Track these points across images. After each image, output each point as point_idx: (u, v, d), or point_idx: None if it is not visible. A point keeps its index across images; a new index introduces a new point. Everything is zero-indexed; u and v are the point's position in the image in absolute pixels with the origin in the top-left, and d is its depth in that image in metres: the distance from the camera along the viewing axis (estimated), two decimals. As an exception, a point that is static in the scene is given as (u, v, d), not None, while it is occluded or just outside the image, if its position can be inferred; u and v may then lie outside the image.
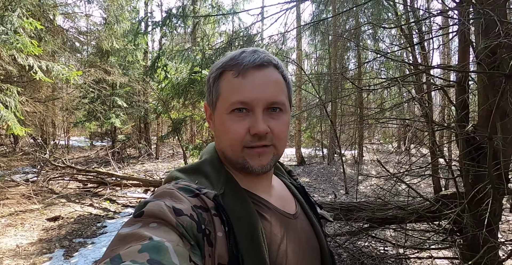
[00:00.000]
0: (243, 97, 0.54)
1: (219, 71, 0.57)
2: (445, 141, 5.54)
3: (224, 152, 0.59)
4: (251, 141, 0.55)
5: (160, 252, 0.38)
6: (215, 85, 0.58)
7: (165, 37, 12.17)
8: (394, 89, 6.40)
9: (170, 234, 0.43)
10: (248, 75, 0.54)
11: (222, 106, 0.56)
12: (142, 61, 10.63)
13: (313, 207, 0.71)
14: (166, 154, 12.69)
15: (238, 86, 0.54)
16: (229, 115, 0.55)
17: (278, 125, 0.56)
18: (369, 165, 10.05)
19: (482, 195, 2.11)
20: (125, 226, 0.44)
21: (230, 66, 0.56)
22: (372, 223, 3.11)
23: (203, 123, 8.51)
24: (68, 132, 12.69)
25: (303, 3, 6.84)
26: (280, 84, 0.57)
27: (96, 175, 6.58)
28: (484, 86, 2.31)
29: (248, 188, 0.60)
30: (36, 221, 4.68)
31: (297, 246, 0.60)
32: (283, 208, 0.63)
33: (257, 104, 0.54)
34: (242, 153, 0.56)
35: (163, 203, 0.47)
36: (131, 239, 0.40)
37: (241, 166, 0.57)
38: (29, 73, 4.39)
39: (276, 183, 0.68)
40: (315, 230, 0.66)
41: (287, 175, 0.75)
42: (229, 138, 0.56)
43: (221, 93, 0.57)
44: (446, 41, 5.35)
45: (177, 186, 0.53)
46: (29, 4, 4.27)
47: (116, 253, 0.38)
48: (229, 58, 0.57)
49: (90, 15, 8.60)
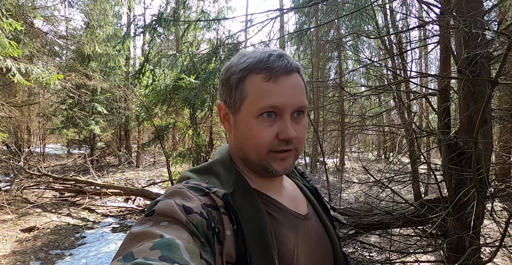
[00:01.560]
0: (274, 101, 0.54)
1: (244, 73, 0.56)
2: (424, 148, 5.73)
3: (247, 155, 0.59)
4: (278, 146, 0.56)
5: (171, 249, 0.38)
6: (239, 87, 0.57)
7: (147, 44, 12.09)
8: (374, 99, 6.60)
9: (181, 232, 0.43)
10: (279, 80, 0.54)
11: (248, 110, 0.56)
12: (124, 67, 10.45)
13: (326, 209, 0.71)
14: (147, 162, 12.42)
15: (269, 90, 0.54)
16: (256, 119, 0.55)
17: (302, 130, 0.58)
18: (350, 173, 10.21)
19: (466, 199, 2.18)
20: (136, 225, 0.45)
21: (258, 70, 0.55)
22: (358, 229, 3.14)
23: (186, 130, 8.41)
24: (44, 139, 12.19)
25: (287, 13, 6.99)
26: (304, 88, 0.59)
27: (74, 184, 6.33)
28: (465, 94, 2.42)
29: (259, 188, 0.60)
30: (9, 232, 4.43)
31: (308, 247, 0.60)
32: (294, 209, 0.63)
33: (287, 109, 0.55)
34: (267, 157, 0.56)
35: (173, 201, 0.48)
36: (143, 237, 0.41)
37: (263, 169, 0.58)
38: (6, 76, 4.21)
39: (288, 184, 0.68)
40: (327, 231, 0.66)
41: (300, 177, 0.76)
42: (256, 143, 0.56)
43: (248, 96, 0.56)
44: (427, 52, 5.59)
45: (187, 185, 0.53)
46: (8, 4, 4.13)
47: (128, 251, 0.39)
48: (256, 59, 0.56)
49: (70, 18, 8.44)
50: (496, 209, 2.43)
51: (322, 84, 8.10)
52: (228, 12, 9.81)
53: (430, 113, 5.87)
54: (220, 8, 9.35)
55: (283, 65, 0.55)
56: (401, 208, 3.14)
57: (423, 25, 3.04)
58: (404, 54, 4.49)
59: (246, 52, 0.59)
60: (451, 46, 2.66)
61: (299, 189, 0.71)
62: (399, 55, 4.46)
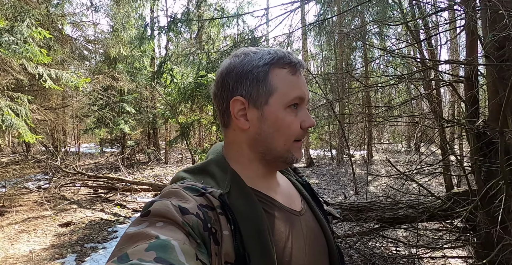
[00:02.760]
0: (302, 93, 0.58)
1: (268, 67, 0.58)
2: (455, 138, 5.43)
3: (272, 147, 0.59)
4: (301, 135, 0.60)
5: (166, 251, 0.38)
6: (265, 80, 0.57)
7: (170, 43, 12.33)
8: (402, 87, 6.33)
9: (177, 232, 0.43)
10: (298, 74, 0.59)
11: (279, 102, 0.58)
12: (149, 67, 10.74)
13: (320, 204, 0.71)
14: (175, 158, 12.76)
15: (297, 83, 0.58)
16: (285, 110, 0.58)
17: None
18: (378, 165, 9.93)
19: (494, 192, 2.05)
20: (132, 226, 0.45)
21: (282, 64, 0.58)
22: (382, 223, 3.05)
23: (210, 127, 8.54)
24: (79, 139, 12.88)
25: (307, 4, 6.84)
26: None
27: (106, 181, 6.65)
28: (493, 81, 2.26)
29: (254, 186, 0.60)
30: (48, 227, 4.75)
31: (303, 243, 0.60)
32: (289, 205, 0.63)
33: (306, 100, 0.60)
34: (291, 147, 0.59)
35: (169, 202, 0.48)
36: (138, 238, 0.41)
37: (284, 159, 0.60)
38: (39, 82, 4.48)
39: (281, 180, 0.68)
40: (322, 226, 0.66)
41: (293, 173, 0.76)
42: (288, 133, 0.58)
43: (278, 88, 0.57)
44: (453, 36, 5.27)
45: (183, 185, 0.53)
46: (37, 14, 4.37)
47: (123, 252, 0.39)
48: (277, 55, 0.58)
49: (97, 23, 8.76)
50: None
51: (346, 75, 7.88)
52: (249, 7, 9.78)
53: (459, 101, 5.55)
54: (240, 3, 9.34)
55: (298, 61, 0.60)
56: (428, 202, 3.01)
57: (447, 8, 2.87)
58: (430, 39, 4.26)
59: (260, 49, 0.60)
60: (477, 29, 2.50)
61: (293, 185, 0.71)
62: (425, 40, 4.24)
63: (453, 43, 7.24)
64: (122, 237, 0.43)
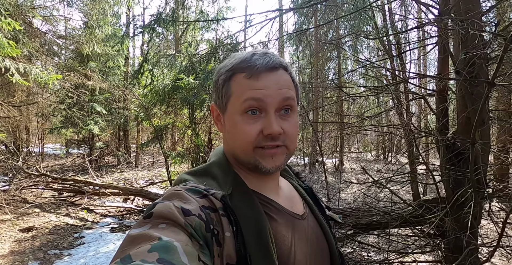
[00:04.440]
0: (256, 93, 0.54)
1: (229, 73, 0.57)
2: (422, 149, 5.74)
3: (236, 153, 0.59)
4: (263, 141, 0.55)
5: (169, 252, 0.39)
6: (225, 86, 0.58)
7: (146, 44, 12.06)
8: (373, 99, 6.60)
9: (179, 234, 0.43)
10: (261, 77, 0.55)
11: (233, 107, 0.57)
12: (123, 67, 10.44)
13: (322, 209, 0.72)
14: (146, 162, 12.40)
15: (251, 86, 0.55)
16: (241, 116, 0.56)
17: (290, 126, 0.57)
18: (349, 173, 10.22)
19: (464, 199, 2.19)
20: (134, 228, 0.45)
21: (241, 69, 0.56)
22: (356, 229, 3.15)
23: (185, 130, 8.41)
24: (43, 139, 12.16)
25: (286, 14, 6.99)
26: (290, 84, 0.59)
27: (73, 184, 6.32)
28: (462, 95, 2.43)
29: (256, 189, 0.60)
30: (7, 232, 4.43)
31: (305, 246, 0.60)
32: (291, 209, 0.63)
33: (270, 103, 0.55)
34: (253, 153, 0.56)
35: (172, 204, 0.48)
36: (141, 240, 0.41)
37: (253, 166, 0.57)
38: (5, 76, 4.21)
39: (284, 184, 0.69)
40: (323, 231, 0.67)
41: (295, 177, 0.76)
42: (241, 140, 0.56)
43: (232, 93, 0.57)
44: (425, 53, 5.60)
45: (185, 187, 0.54)
46: (7, 4, 4.12)
47: (126, 253, 0.39)
48: (239, 60, 0.57)
49: (70, 18, 8.41)
50: (494, 209, 2.44)
51: (320, 84, 8.11)
52: (228, 12, 9.80)
53: (428, 114, 5.88)
54: (219, 8, 9.35)
55: (265, 62, 0.55)
56: (399, 209, 3.14)
57: (421, 26, 3.05)
58: (402, 55, 4.51)
59: (235, 54, 0.60)
60: (449, 47, 2.67)
61: (295, 190, 0.71)
62: (397, 56, 4.47)
63: (422, 59, 7.69)
64: (125, 238, 0.43)
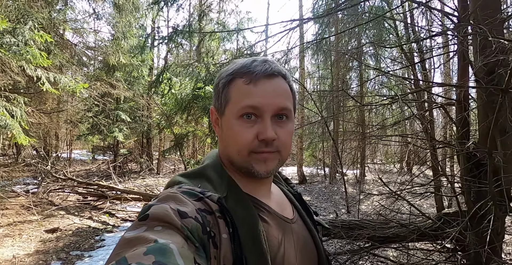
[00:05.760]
0: (253, 101, 0.55)
1: (229, 78, 0.59)
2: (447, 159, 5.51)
3: (231, 156, 0.60)
4: (258, 147, 0.56)
5: (165, 254, 0.38)
6: (225, 90, 0.59)
7: (170, 54, 12.46)
8: (395, 108, 6.45)
9: (175, 236, 0.43)
10: (259, 83, 0.56)
11: (231, 111, 0.58)
12: (147, 77, 10.81)
13: (310, 214, 0.72)
14: (168, 169, 12.64)
15: (249, 92, 0.56)
16: (237, 120, 0.57)
17: (284, 133, 0.58)
18: (371, 185, 9.95)
19: (483, 212, 2.08)
20: (130, 230, 0.45)
21: (241, 74, 0.57)
22: (373, 241, 3.05)
23: (205, 139, 8.54)
24: (71, 145, 12.73)
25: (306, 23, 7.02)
26: (288, 93, 0.60)
27: (97, 188, 6.55)
28: (483, 104, 2.34)
29: (249, 192, 0.61)
30: (34, 232, 4.63)
31: (294, 249, 0.61)
32: (282, 213, 0.64)
33: (267, 110, 0.56)
34: (249, 158, 0.57)
35: (168, 206, 0.48)
36: (136, 242, 0.41)
37: (246, 170, 0.58)
38: (37, 84, 4.49)
39: (274, 189, 0.70)
40: (311, 234, 0.67)
41: (284, 183, 0.77)
42: (237, 143, 0.57)
43: (231, 98, 0.58)
44: (446, 60, 5.44)
45: (181, 190, 0.54)
46: (40, 18, 4.42)
47: (121, 256, 0.38)
48: (240, 65, 0.58)
49: (98, 31, 8.87)
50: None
51: (341, 94, 8.02)
52: (249, 23, 9.99)
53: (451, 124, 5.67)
54: (241, 19, 9.54)
55: (264, 69, 0.57)
56: (418, 222, 3.02)
57: (440, 34, 2.98)
58: (424, 62, 4.40)
59: (237, 60, 0.61)
60: (469, 54, 2.60)
61: (285, 195, 0.72)
62: (419, 63, 4.37)
63: (446, 67, 7.45)
64: (120, 241, 0.42)
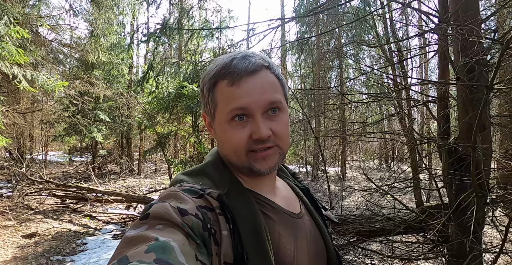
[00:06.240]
0: (240, 103, 0.54)
1: (212, 82, 0.58)
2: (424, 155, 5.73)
3: (229, 158, 0.60)
4: (254, 145, 0.56)
5: (166, 252, 0.38)
6: (210, 95, 0.58)
7: (150, 52, 12.21)
8: (375, 106, 6.63)
9: (176, 234, 0.44)
10: (242, 82, 0.55)
11: (221, 116, 0.57)
12: (127, 75, 10.56)
13: (318, 209, 0.73)
14: (149, 170, 12.41)
15: (234, 94, 0.55)
16: (229, 123, 0.56)
17: (280, 126, 0.57)
18: (352, 182, 10.18)
19: (466, 204, 2.19)
20: (131, 229, 0.45)
21: (223, 76, 0.56)
22: (359, 236, 3.13)
23: (188, 138, 8.44)
24: (47, 146, 12.23)
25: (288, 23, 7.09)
26: (275, 84, 0.58)
27: (76, 191, 6.34)
28: (463, 101, 2.45)
29: (252, 188, 0.61)
30: (10, 238, 4.43)
31: (304, 245, 0.61)
32: (288, 208, 0.64)
33: (256, 108, 0.54)
34: (247, 157, 0.57)
35: (168, 204, 0.48)
36: (138, 241, 0.41)
37: (248, 170, 0.58)
38: (12, 83, 4.28)
39: (280, 184, 0.70)
40: (320, 230, 0.67)
41: (292, 177, 0.77)
42: (232, 146, 0.57)
43: (218, 103, 0.57)
44: (426, 60, 5.65)
45: (182, 188, 0.54)
46: (16, 13, 4.22)
47: (123, 254, 0.39)
48: (220, 66, 0.57)
49: (75, 27, 8.56)
50: (497, 215, 2.44)
51: (323, 92, 8.15)
52: (231, 22, 9.96)
53: (430, 121, 5.90)
54: (223, 17, 9.50)
55: (244, 66, 0.55)
56: (402, 215, 3.13)
57: (422, 34, 3.10)
58: (404, 62, 4.55)
59: (216, 59, 0.60)
60: (449, 54, 2.71)
61: (292, 189, 0.72)
62: (399, 63, 4.51)
63: (423, 67, 7.72)
64: (122, 240, 0.43)
